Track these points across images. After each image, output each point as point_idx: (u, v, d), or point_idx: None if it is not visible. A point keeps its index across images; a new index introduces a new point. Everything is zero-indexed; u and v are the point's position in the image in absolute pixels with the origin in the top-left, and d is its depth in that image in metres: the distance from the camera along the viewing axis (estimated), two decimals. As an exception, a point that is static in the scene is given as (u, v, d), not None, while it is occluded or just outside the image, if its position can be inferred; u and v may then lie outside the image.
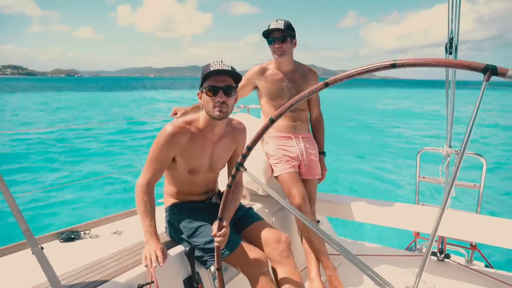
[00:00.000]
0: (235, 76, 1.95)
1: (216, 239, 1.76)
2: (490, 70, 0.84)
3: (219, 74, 1.90)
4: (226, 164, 2.26)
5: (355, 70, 1.02)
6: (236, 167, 1.42)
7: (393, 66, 0.94)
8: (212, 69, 1.88)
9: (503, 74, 0.83)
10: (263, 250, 2.06)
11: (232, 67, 1.92)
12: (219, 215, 1.68)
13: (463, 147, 0.93)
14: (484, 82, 0.86)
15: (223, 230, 1.77)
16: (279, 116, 1.28)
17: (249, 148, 1.37)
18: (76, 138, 17.32)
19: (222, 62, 1.92)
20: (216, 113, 1.93)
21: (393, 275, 2.89)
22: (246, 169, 1.42)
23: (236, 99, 2.02)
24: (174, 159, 2.03)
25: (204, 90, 1.94)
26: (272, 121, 1.30)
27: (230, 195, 1.52)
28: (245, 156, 1.39)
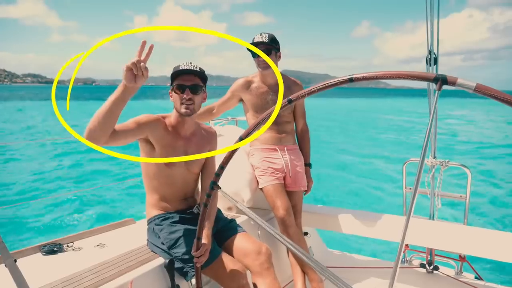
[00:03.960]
0: (202, 76, 2.09)
1: (195, 259, 1.82)
2: (440, 80, 0.87)
3: (186, 73, 2.04)
4: (201, 174, 2.31)
5: (315, 86, 1.07)
6: (211, 186, 1.46)
7: (350, 80, 0.97)
8: (180, 69, 2.02)
9: (453, 83, 0.86)
10: (243, 262, 2.06)
11: (200, 68, 2.06)
12: (197, 234, 1.71)
13: (421, 158, 0.95)
14: (437, 92, 0.89)
15: (202, 248, 1.84)
16: (247, 134, 1.31)
17: (222, 167, 1.40)
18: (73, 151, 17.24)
19: (191, 63, 2.07)
20: (183, 109, 2.06)
21: (380, 287, 2.88)
22: (220, 188, 1.47)
23: (204, 98, 2.16)
24: (151, 145, 2.07)
25: (173, 88, 2.07)
26: (241, 139, 1.34)
27: (206, 214, 1.56)
28: (218, 175, 1.43)
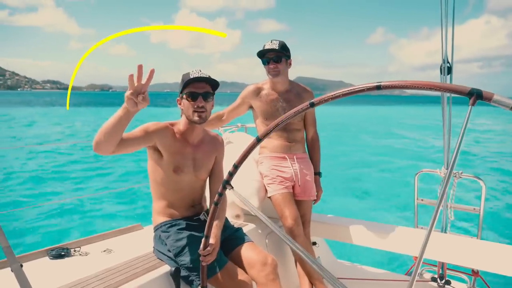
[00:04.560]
0: (213, 83, 2.09)
1: (202, 258, 1.77)
2: (475, 94, 0.82)
3: (198, 81, 2.04)
4: (208, 179, 2.30)
5: (341, 91, 1.02)
6: (223, 185, 1.40)
7: (378, 87, 0.92)
8: (192, 77, 2.01)
9: (488, 98, 0.82)
10: (249, 273, 2.04)
11: (209, 76, 2.06)
12: (205, 232, 1.66)
13: (449, 170, 0.90)
14: (470, 107, 0.84)
15: (209, 248, 1.80)
16: (265, 135, 1.27)
17: (236, 167, 1.35)
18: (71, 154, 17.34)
19: (200, 71, 2.07)
20: (196, 117, 2.06)
21: None
22: (232, 187, 1.40)
23: (213, 105, 2.16)
24: (159, 153, 2.07)
25: (184, 96, 2.07)
26: (258, 140, 1.29)
27: (216, 213, 1.50)
28: (232, 174, 1.38)
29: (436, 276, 3.10)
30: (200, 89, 2.04)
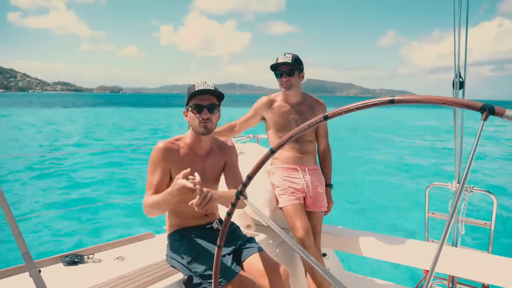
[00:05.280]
0: (218, 95, 2.11)
1: (195, 205, 1.83)
2: (488, 110, 0.83)
3: (203, 93, 2.07)
4: (226, 184, 2.32)
5: (354, 105, 1.04)
6: (236, 195, 1.42)
7: (391, 102, 0.93)
8: (197, 89, 2.04)
9: (500, 114, 0.82)
10: (260, 282, 2.04)
11: (215, 87, 2.09)
12: (218, 242, 1.68)
13: (461, 184, 0.91)
14: (482, 122, 0.85)
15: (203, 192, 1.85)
16: (279, 147, 1.29)
17: (249, 177, 1.37)
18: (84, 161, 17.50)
19: (205, 82, 2.10)
20: (202, 129, 2.09)
21: None
22: (246, 198, 1.42)
23: (219, 116, 2.18)
24: (170, 175, 2.12)
25: (189, 109, 2.10)
26: (272, 152, 1.31)
27: (229, 223, 1.52)
28: (245, 185, 1.39)
29: None
30: (205, 101, 2.07)
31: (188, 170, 1.86)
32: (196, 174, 1.87)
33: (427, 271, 3.36)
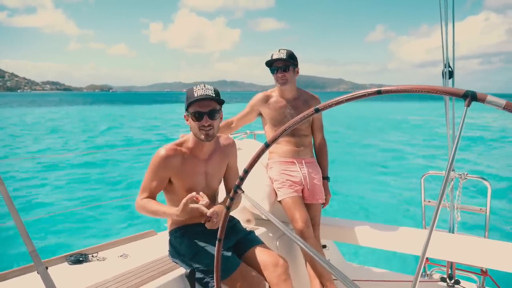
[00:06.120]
0: (218, 100, 2.05)
1: (206, 223, 1.97)
2: (470, 96, 0.87)
3: (203, 100, 2.00)
4: (224, 183, 2.37)
5: (344, 97, 1.09)
6: (234, 189, 1.46)
7: (379, 92, 0.97)
8: (196, 95, 1.99)
9: (482, 99, 0.86)
10: (262, 274, 2.09)
11: (215, 90, 2.03)
12: (218, 235, 1.73)
13: (447, 171, 0.96)
14: (465, 108, 0.88)
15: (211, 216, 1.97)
16: (273, 140, 1.33)
17: (246, 171, 1.41)
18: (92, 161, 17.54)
19: (205, 86, 2.03)
20: (203, 136, 2.06)
21: None
22: (243, 192, 1.46)
23: (221, 119, 2.15)
24: (170, 181, 2.14)
25: (190, 115, 2.06)
26: (267, 146, 1.35)
27: (228, 216, 1.57)
28: (242, 179, 1.43)
29: (445, 276, 3.13)
30: (205, 107, 2.01)
31: (194, 194, 1.91)
32: (203, 195, 1.95)
33: (427, 259, 3.43)
